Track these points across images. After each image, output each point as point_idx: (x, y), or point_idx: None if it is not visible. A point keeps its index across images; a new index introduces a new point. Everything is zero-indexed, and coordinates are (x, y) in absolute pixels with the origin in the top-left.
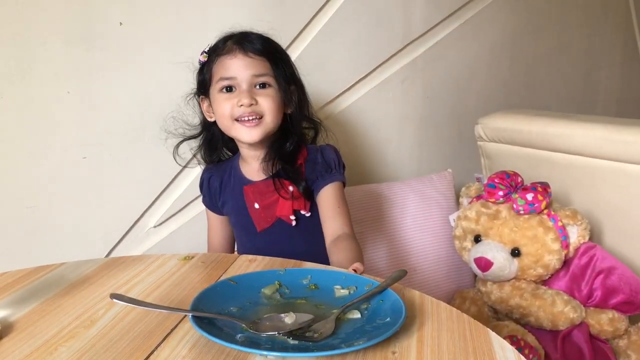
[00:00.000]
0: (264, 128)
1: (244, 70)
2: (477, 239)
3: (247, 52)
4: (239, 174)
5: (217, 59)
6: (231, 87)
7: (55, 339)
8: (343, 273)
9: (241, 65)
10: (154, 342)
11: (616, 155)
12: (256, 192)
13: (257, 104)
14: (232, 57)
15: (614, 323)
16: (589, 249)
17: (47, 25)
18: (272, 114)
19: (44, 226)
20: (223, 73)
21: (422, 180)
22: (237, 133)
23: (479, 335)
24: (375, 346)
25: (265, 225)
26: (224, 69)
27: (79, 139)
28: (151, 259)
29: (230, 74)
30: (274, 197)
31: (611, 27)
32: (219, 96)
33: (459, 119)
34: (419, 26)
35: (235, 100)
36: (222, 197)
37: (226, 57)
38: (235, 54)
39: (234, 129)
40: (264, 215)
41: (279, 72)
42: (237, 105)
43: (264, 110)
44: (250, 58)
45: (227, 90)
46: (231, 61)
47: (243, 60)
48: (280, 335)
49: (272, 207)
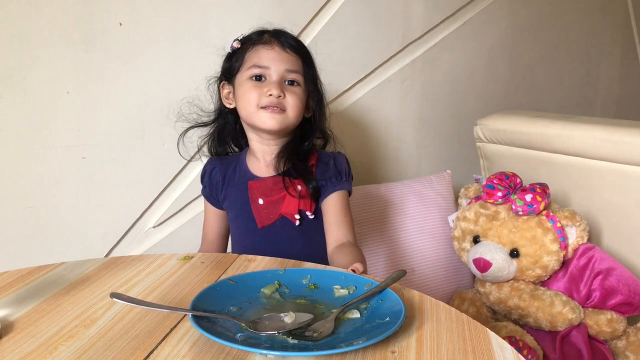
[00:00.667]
0: (285, 120)
1: (279, 63)
2: (476, 239)
3: (284, 46)
4: (245, 169)
5: (252, 47)
6: (261, 76)
7: (55, 338)
8: (343, 273)
9: (277, 58)
10: (153, 342)
11: (615, 156)
12: (262, 188)
13: (284, 97)
14: (270, 48)
15: (612, 324)
16: (588, 250)
17: (46, 26)
18: (295, 111)
19: (44, 226)
20: (257, 61)
21: (421, 181)
22: (259, 120)
23: (478, 335)
24: (375, 346)
25: (267, 222)
26: (259, 57)
27: (79, 139)
28: (151, 258)
29: (264, 63)
30: (281, 194)
31: (610, 28)
32: (247, 83)
33: (458, 120)
34: (418, 27)
35: (264, 89)
36: (225, 191)
37: (263, 47)
38: (272, 45)
39: (257, 115)
40: (267, 212)
41: (309, 74)
42: (266, 95)
43: (289, 106)
44: (287, 53)
45: (257, 79)
46: (268, 51)
47: (279, 53)
48: (280, 335)
49: (276, 204)
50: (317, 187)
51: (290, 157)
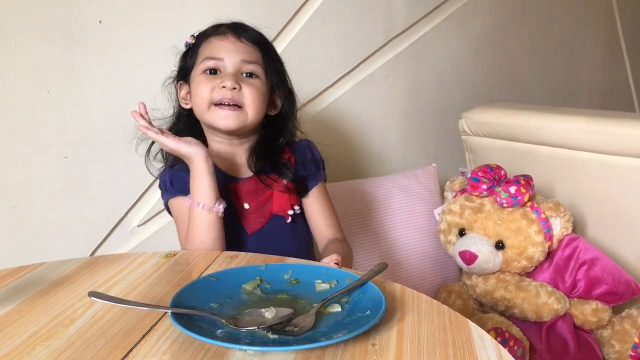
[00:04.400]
0: (242, 119)
1: (233, 54)
2: (462, 232)
3: (239, 37)
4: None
5: (206, 40)
6: (216, 70)
7: (33, 338)
8: (324, 267)
9: (231, 48)
10: (133, 340)
11: (598, 147)
12: (244, 191)
13: (239, 90)
14: (223, 39)
15: (597, 313)
16: (572, 240)
17: (25, 24)
18: (254, 106)
19: (26, 227)
20: (210, 53)
21: (406, 175)
22: (212, 118)
23: (459, 326)
24: (355, 339)
25: (257, 227)
26: (212, 48)
27: (60, 138)
28: (133, 257)
29: (217, 55)
30: (266, 193)
31: (593, 20)
32: (201, 77)
33: (442, 113)
34: (401, 21)
35: (217, 81)
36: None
37: (217, 38)
38: (227, 36)
39: (209, 113)
40: (255, 216)
41: (269, 65)
42: (219, 87)
43: (246, 100)
44: (242, 43)
45: (211, 73)
46: (221, 42)
47: (234, 43)
48: (260, 330)
49: (265, 206)
50: (301, 181)
51: (262, 154)
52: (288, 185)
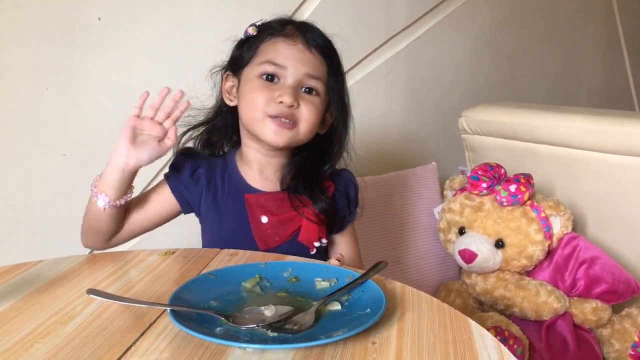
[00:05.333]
0: (293, 136)
1: (299, 64)
2: (462, 231)
3: (309, 44)
4: (238, 177)
5: (271, 38)
6: (274, 76)
7: (31, 336)
8: (324, 266)
9: (298, 58)
10: (132, 337)
11: (598, 146)
12: (265, 205)
13: (297, 108)
14: (291, 44)
15: (597, 312)
16: (572, 239)
17: (24, 21)
18: (308, 125)
19: (24, 225)
20: (273, 57)
21: (406, 173)
22: (262, 130)
23: (459, 324)
24: (355, 337)
25: (271, 245)
26: (276, 52)
27: (59, 136)
28: (131, 254)
29: (281, 61)
30: (289, 214)
31: (593, 19)
32: (257, 81)
33: (442, 112)
34: (401, 20)
35: (276, 93)
36: (208, 201)
37: (283, 41)
38: (295, 41)
39: (262, 124)
40: (271, 232)
41: (332, 82)
42: (276, 101)
43: (302, 118)
44: (311, 53)
45: (268, 79)
46: (288, 47)
47: (302, 52)
48: (260, 328)
49: (284, 225)
50: (336, 213)
51: (301, 174)
52: (320, 215)
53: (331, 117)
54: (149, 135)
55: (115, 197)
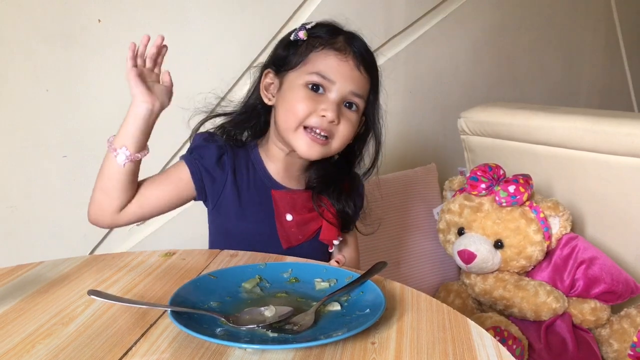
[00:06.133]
0: (327, 150)
1: (347, 81)
2: (461, 231)
3: (359, 64)
4: (264, 172)
5: (323, 48)
6: (320, 87)
7: (32, 337)
8: (324, 266)
9: (347, 75)
10: (132, 338)
11: (597, 146)
12: (291, 203)
13: (337, 125)
14: (343, 60)
15: (596, 312)
16: (571, 239)
17: (24, 23)
18: (342, 141)
19: (25, 226)
20: (323, 69)
21: (406, 174)
22: (296, 140)
23: (458, 324)
24: (355, 337)
25: (294, 243)
26: (327, 65)
27: (59, 138)
28: (132, 256)
29: (331, 76)
30: (312, 213)
31: (593, 20)
32: (302, 90)
33: (442, 113)
34: (400, 21)
35: (320, 106)
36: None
37: (336, 55)
38: (347, 57)
39: (296, 135)
40: (295, 231)
41: (372, 100)
42: (319, 114)
43: (338, 134)
44: (359, 72)
45: (314, 89)
46: (340, 64)
47: (352, 70)
48: (260, 329)
49: (307, 224)
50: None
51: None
52: (335, 214)
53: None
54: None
55: (136, 149)
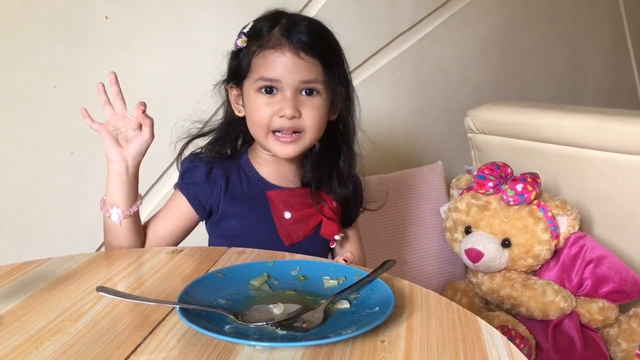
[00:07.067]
0: (302, 145)
1: (291, 74)
2: (468, 230)
3: (297, 51)
4: (257, 176)
5: (260, 51)
6: (272, 88)
7: (41, 333)
8: (332, 264)
9: (289, 68)
10: (141, 335)
11: (605, 145)
12: (287, 201)
13: (300, 117)
14: (279, 55)
15: (604, 312)
16: (579, 238)
17: (32, 20)
18: (314, 130)
19: (32, 223)
20: (265, 72)
21: (412, 172)
22: (270, 146)
23: (468, 323)
24: (364, 335)
25: (296, 240)
26: (267, 67)
27: (67, 135)
28: (139, 252)
29: (274, 76)
30: (310, 209)
31: (600, 18)
32: (256, 97)
33: (448, 111)
34: (407, 19)
35: (276, 107)
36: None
37: (272, 53)
38: (283, 50)
39: (268, 141)
40: (294, 227)
41: (332, 77)
42: (278, 115)
43: (306, 126)
44: (301, 60)
45: (267, 92)
46: (277, 60)
47: (292, 61)
48: (269, 326)
49: (306, 220)
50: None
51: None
52: (335, 209)
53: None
54: (126, 131)
55: (127, 205)
